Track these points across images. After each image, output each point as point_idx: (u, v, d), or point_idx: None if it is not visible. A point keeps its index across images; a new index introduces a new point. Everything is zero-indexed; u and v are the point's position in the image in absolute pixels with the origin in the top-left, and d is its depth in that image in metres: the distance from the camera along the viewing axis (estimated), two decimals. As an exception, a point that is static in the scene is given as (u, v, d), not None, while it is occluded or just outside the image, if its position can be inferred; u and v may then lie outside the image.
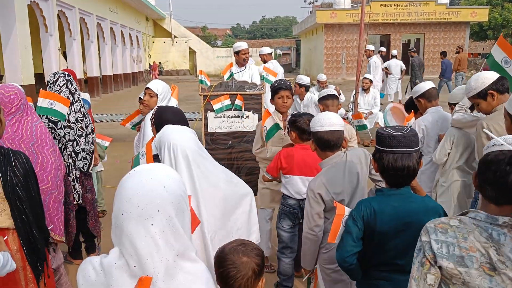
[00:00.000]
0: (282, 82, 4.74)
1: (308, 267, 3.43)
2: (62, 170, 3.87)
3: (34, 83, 15.15)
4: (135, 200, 1.55)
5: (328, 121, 3.10)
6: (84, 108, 4.92)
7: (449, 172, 4.35)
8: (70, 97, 4.71)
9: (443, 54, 20.36)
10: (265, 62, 9.48)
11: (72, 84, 4.76)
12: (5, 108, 3.52)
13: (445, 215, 2.52)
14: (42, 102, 4.40)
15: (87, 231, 5.03)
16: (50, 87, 4.69)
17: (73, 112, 4.71)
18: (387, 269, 2.60)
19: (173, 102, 5.15)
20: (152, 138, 3.92)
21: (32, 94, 13.55)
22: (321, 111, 5.00)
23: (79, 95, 4.90)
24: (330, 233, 2.73)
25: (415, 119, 5.17)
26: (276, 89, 4.76)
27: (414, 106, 5.31)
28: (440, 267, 1.88)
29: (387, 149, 2.47)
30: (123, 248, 1.57)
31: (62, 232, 3.85)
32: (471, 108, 4.30)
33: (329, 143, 3.14)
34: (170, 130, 2.81)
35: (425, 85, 4.82)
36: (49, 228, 3.61)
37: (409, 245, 2.47)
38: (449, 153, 4.32)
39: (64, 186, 4.60)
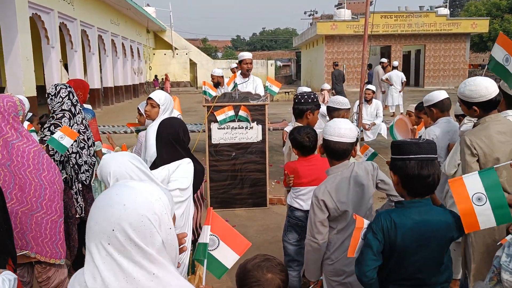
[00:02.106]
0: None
1: (311, 278, 3.36)
2: (57, 190, 3.71)
3: (35, 95, 15.12)
4: (95, 217, 1.43)
5: (337, 132, 3.05)
6: (86, 120, 4.87)
7: None
8: (72, 108, 4.67)
9: (369, 66, 22.01)
10: (218, 83, 9.77)
11: (73, 96, 4.71)
12: None
13: (462, 228, 2.45)
14: (59, 136, 4.33)
15: None
16: (51, 99, 4.63)
17: (76, 124, 4.66)
18: (407, 284, 2.52)
19: (175, 114, 5.12)
20: None
21: (33, 106, 13.52)
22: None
23: (80, 106, 4.86)
24: (350, 247, 2.60)
25: (425, 127, 5.11)
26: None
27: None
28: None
29: (410, 156, 2.37)
30: (87, 272, 1.43)
31: (56, 255, 3.73)
32: None
33: (335, 153, 3.11)
34: (107, 160, 2.75)
35: (439, 95, 4.71)
36: (32, 249, 3.57)
37: (430, 260, 2.42)
38: (458, 164, 4.25)
39: (66, 199, 4.57)
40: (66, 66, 19.76)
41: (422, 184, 2.37)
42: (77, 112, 4.72)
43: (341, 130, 3.06)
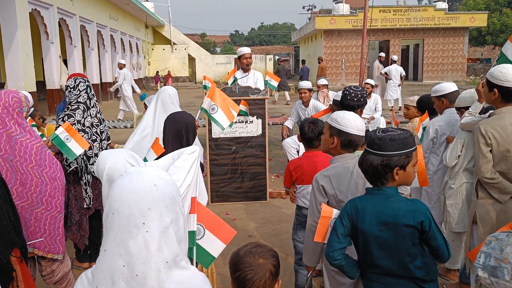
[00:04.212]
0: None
1: (309, 264, 3.37)
2: (58, 186, 3.75)
3: (35, 90, 15.15)
4: (125, 198, 1.52)
5: (362, 127, 3.12)
6: (101, 114, 4.95)
7: (458, 174, 4.34)
8: (88, 101, 4.77)
9: (303, 62, 24.89)
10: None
11: (91, 90, 4.85)
12: None
13: (431, 220, 2.50)
14: (61, 133, 4.34)
15: (95, 237, 5.00)
16: (70, 91, 4.73)
17: (89, 117, 4.76)
18: (377, 272, 2.61)
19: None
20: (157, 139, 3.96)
21: (33, 101, 13.55)
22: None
23: (96, 100, 4.93)
24: (316, 232, 2.78)
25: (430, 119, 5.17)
26: None
27: (426, 106, 5.34)
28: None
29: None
30: (112, 249, 1.52)
31: (55, 250, 3.79)
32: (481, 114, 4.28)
33: (356, 146, 3.17)
34: (104, 156, 2.76)
35: (450, 87, 4.78)
36: (30, 244, 3.61)
37: (390, 246, 2.52)
38: (459, 156, 4.31)
39: (79, 190, 4.70)
40: (65, 62, 19.76)
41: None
42: (92, 105, 4.82)
43: (363, 125, 3.14)
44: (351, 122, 3.10)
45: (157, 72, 37.59)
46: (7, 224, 3.02)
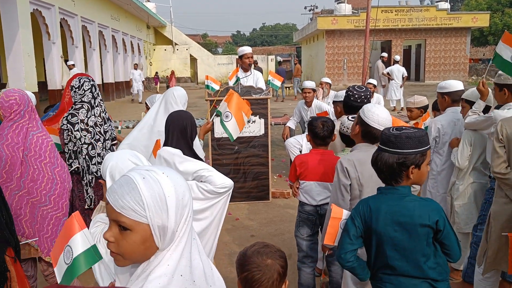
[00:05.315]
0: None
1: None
2: (66, 188, 3.76)
3: (37, 90, 15.13)
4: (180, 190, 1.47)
5: (384, 122, 3.14)
6: (105, 114, 4.93)
7: (466, 175, 4.31)
8: (92, 101, 4.76)
9: (279, 63, 25.93)
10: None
11: (95, 89, 4.83)
12: (4, 113, 3.49)
13: (445, 218, 2.47)
14: None
15: None
16: (75, 91, 4.73)
17: (93, 116, 4.74)
18: (390, 273, 2.57)
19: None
20: (158, 142, 3.94)
21: (36, 101, 13.52)
22: (337, 112, 4.96)
23: (100, 100, 4.91)
24: (326, 235, 2.73)
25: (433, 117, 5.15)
26: None
27: None
28: None
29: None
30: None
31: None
32: (484, 112, 4.25)
33: (375, 139, 3.17)
34: (108, 156, 2.78)
35: (455, 85, 4.75)
36: (32, 242, 3.62)
37: (404, 246, 2.48)
38: (469, 155, 4.29)
39: (82, 191, 4.71)
40: (67, 62, 19.77)
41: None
42: (96, 104, 4.81)
43: (388, 123, 3.16)
44: (374, 116, 3.14)
45: (156, 73, 37.33)
46: (1, 222, 2.99)
